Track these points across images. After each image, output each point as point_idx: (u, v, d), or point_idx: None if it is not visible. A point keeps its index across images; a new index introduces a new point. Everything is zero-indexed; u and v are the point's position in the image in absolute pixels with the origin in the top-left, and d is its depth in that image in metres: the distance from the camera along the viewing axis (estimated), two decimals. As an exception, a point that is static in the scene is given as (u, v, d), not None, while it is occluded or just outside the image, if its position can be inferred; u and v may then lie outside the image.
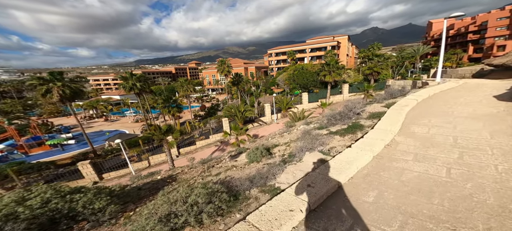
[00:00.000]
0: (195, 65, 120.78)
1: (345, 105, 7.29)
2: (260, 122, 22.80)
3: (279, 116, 23.58)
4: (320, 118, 8.49)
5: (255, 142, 9.57)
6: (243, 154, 6.31)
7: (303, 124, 8.68)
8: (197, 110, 42.34)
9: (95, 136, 28.93)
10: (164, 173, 6.85)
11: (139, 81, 25.59)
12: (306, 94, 25.95)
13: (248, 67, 75.77)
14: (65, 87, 19.11)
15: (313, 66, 34.69)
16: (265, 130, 20.01)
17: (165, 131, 11.29)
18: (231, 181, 3.34)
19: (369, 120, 5.89)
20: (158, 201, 2.48)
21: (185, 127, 24.31)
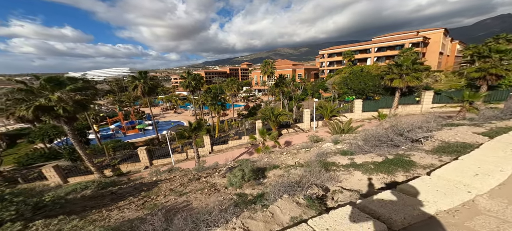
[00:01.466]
0: (246, 66, 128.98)
1: (393, 126, 4.84)
2: (297, 128, 20.68)
3: (320, 123, 20.49)
4: (355, 138, 6.17)
5: (281, 150, 8.36)
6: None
7: (331, 142, 6.66)
8: (241, 109, 44.69)
9: (165, 125, 36.49)
10: (164, 173, 7.05)
11: (193, 80, 29.78)
12: (359, 102, 21.12)
13: (296, 69, 72.42)
14: (145, 84, 24.99)
15: (377, 68, 27.95)
16: (300, 138, 17.89)
17: (193, 129, 12.18)
18: (172, 211, 2.58)
19: (435, 155, 3.53)
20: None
21: (224, 124, 25.89)
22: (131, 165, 15.91)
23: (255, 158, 9.73)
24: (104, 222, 2.37)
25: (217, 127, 22.48)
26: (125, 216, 2.48)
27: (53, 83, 12.55)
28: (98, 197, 3.85)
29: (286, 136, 19.33)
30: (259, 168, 4.76)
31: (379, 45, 53.77)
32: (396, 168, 3.22)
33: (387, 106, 20.50)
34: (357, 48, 57.95)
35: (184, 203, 3.24)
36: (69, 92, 12.55)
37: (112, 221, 2.32)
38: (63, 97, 11.84)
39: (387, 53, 51.03)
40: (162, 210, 2.51)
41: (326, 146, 6.47)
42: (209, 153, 17.65)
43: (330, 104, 21.57)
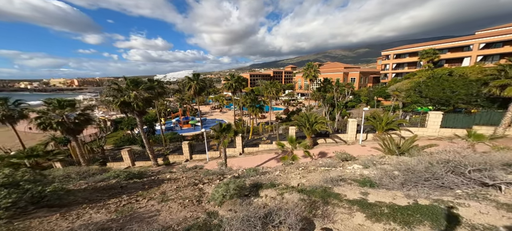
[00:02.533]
0: (291, 69, 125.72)
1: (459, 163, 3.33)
2: (337, 139, 18.04)
3: (370, 136, 17.00)
4: (399, 164, 4.56)
5: (298, 165, 7.56)
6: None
7: (360, 165, 5.36)
8: (280, 113, 43.90)
9: (210, 122, 41.07)
10: (180, 171, 7.62)
11: (235, 82, 31.91)
12: (437, 115, 15.97)
13: (349, 72, 64.05)
14: (197, 84, 29.10)
15: (480, 71, 20.34)
16: (341, 150, 15.48)
17: (222, 129, 12.89)
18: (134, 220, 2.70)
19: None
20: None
21: (259, 127, 26.12)
22: (176, 156, 18.76)
23: (276, 166, 9.17)
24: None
25: (251, 129, 23.03)
26: (93, 220, 2.69)
27: (133, 84, 16.60)
28: (107, 189, 4.58)
29: (322, 146, 17.31)
30: (255, 184, 4.36)
31: (489, 39, 38.94)
32: (421, 220, 2.08)
33: (490, 123, 14.84)
34: (445, 46, 44.50)
35: (154, 213, 3.14)
36: (141, 91, 16.33)
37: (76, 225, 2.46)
38: (137, 95, 15.56)
39: (503, 49, 36.36)
40: (126, 217, 2.74)
41: (351, 169, 5.19)
42: (239, 154, 18.29)
43: (388, 115, 17.49)
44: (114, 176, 5.75)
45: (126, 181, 5.61)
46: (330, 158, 8.48)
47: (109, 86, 16.91)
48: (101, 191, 3.96)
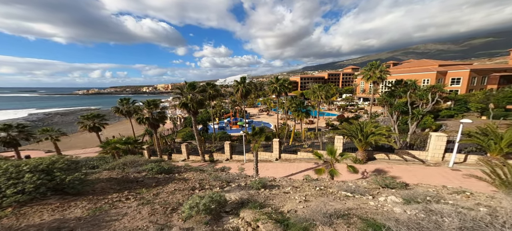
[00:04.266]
0: (351, 70, 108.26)
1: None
2: (408, 157, 13.44)
3: (471, 159, 11.48)
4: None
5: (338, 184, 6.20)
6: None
7: (401, 199, 3.69)
8: (332, 119, 38.67)
9: (256, 124, 42.67)
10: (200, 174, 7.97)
11: (280, 86, 31.29)
12: None
13: (448, 70, 47.27)
14: (244, 88, 31.10)
15: None
16: (414, 173, 11.63)
17: (254, 133, 12.75)
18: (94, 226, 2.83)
19: None
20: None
21: (301, 132, 24.06)
22: (220, 155, 20.62)
23: (299, 180, 7.97)
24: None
25: (292, 134, 21.66)
26: (66, 216, 2.82)
27: (190, 88, 19.95)
28: (126, 181, 5.18)
29: (382, 163, 13.57)
30: (243, 201, 3.84)
31: None
32: None
33: None
34: None
35: (118, 217, 3.07)
36: (196, 94, 19.36)
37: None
38: (192, 97, 18.60)
39: None
40: (88, 218, 2.84)
41: (379, 202, 3.53)
42: (276, 160, 17.57)
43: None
44: (148, 169, 6.86)
45: (155, 175, 6.56)
46: (366, 181, 6.30)
47: (174, 91, 21.21)
48: (120, 183, 4.82)
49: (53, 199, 3.38)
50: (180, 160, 21.00)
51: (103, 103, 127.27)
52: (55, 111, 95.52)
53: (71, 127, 47.20)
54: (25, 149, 32.35)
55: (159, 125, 23.80)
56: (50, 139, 25.97)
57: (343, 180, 8.50)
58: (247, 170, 15.14)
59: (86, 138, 39.56)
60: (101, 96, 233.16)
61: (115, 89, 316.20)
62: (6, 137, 22.88)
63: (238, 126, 43.24)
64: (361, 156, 14.09)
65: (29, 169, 3.59)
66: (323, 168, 10.49)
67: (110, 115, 36.15)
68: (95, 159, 8.41)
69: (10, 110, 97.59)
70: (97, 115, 27.81)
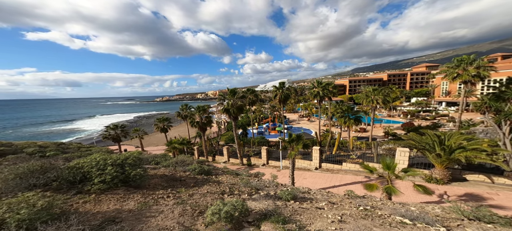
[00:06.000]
0: (426, 68, 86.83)
1: None
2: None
3: None
4: None
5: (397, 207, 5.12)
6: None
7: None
8: (394, 127, 31.98)
9: (296, 131, 40.97)
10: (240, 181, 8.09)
11: (323, 90, 28.95)
12: None
13: None
14: (282, 93, 30.81)
15: None
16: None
17: (291, 140, 12.13)
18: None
19: None
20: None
21: (349, 141, 21.05)
22: (257, 159, 20.95)
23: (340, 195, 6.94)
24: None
25: (336, 143, 19.36)
26: (123, 208, 3.35)
27: (231, 94, 21.61)
28: (173, 179, 5.64)
29: (476, 186, 10.27)
30: (266, 213, 3.71)
31: None
32: None
33: None
34: None
35: (156, 214, 3.33)
36: (236, 99, 20.77)
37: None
38: (233, 103, 20.07)
39: None
40: (135, 212, 3.28)
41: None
42: (315, 169, 16.12)
43: None
44: (192, 169, 7.76)
45: (197, 175, 7.35)
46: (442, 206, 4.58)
47: (219, 97, 23.50)
48: (168, 180, 5.62)
49: (121, 190, 4.15)
50: (221, 161, 22.80)
51: (170, 108, 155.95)
52: (143, 115, 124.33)
53: (150, 128, 60.41)
54: (124, 144, 44.01)
55: (206, 128, 26.86)
56: (138, 137, 34.49)
57: (406, 202, 6.71)
58: (282, 178, 14.68)
59: (159, 137, 49.38)
60: (170, 102, 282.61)
61: (179, 96, 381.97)
62: (114, 134, 32.13)
63: (277, 131, 42.83)
64: (440, 175, 10.84)
65: (111, 163, 4.38)
66: (376, 184, 8.71)
67: (174, 119, 44.14)
68: (159, 156, 10.27)
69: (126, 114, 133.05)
70: (165, 119, 34.58)
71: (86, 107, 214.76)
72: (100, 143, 41.30)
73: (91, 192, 3.97)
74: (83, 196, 3.81)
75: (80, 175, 4.26)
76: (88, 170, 4.36)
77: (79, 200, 3.67)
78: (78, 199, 3.68)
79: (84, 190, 4.06)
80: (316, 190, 7.97)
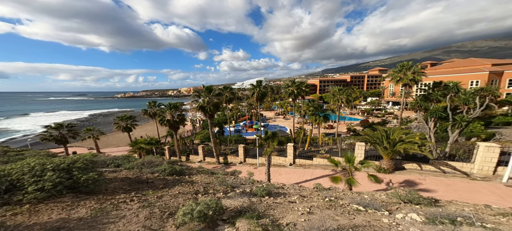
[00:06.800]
0: (378, 72, 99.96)
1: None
2: (447, 169, 11.63)
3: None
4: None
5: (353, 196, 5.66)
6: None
7: (423, 216, 3.14)
8: (354, 124, 36.03)
9: (272, 128, 42.10)
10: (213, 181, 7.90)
11: (296, 88, 30.46)
12: None
13: (505, 70, 41.13)
14: (259, 91, 31.10)
15: None
16: (453, 187, 10.12)
17: (266, 138, 12.46)
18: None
19: None
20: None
21: (319, 137, 22.85)
22: (234, 157, 20.79)
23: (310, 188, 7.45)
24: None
25: (308, 139, 20.72)
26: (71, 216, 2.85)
27: (207, 91, 20.66)
28: (138, 182, 5.16)
29: (413, 173, 12.10)
30: (241, 210, 3.69)
31: None
32: None
33: None
34: None
35: (116, 219, 2.98)
36: (212, 97, 19.98)
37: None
38: (209, 100, 19.28)
39: None
40: (88, 219, 2.83)
41: (396, 219, 2.99)
42: (290, 165, 16.95)
43: None
44: (162, 170, 7.15)
45: (167, 176, 6.80)
46: (386, 193, 5.50)
47: (193, 94, 22.22)
48: (132, 183, 5.05)
49: (68, 197, 3.57)
50: (196, 161, 21.81)
51: (136, 106, 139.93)
52: (99, 113, 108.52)
53: (109, 127, 53.00)
54: (74, 146, 37.47)
55: (179, 127, 25.14)
56: (92, 137, 29.69)
57: (361, 191, 7.68)
58: (259, 175, 14.93)
59: (120, 137, 43.90)
60: (135, 99, 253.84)
61: (146, 93, 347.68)
62: (57, 135, 26.88)
63: (254, 129, 43.26)
64: (387, 165, 12.69)
65: (52, 168, 3.81)
66: (340, 176, 9.68)
67: (140, 117, 39.65)
68: (120, 157, 9.12)
69: (76, 112, 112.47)
70: (129, 117, 30.80)
71: (16, 104, 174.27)
72: (37, 146, 34.16)
73: (23, 202, 3.26)
74: (12, 208, 3.11)
75: (7, 184, 3.51)
76: (18, 177, 3.61)
77: (5, 212, 2.97)
78: (4, 211, 2.98)
79: (13, 200, 3.34)
80: (290, 185, 8.38)
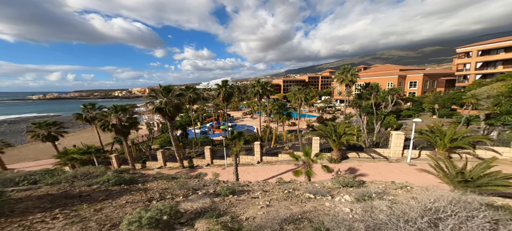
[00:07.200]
0: (329, 73, 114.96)
1: None
2: (375, 155, 14.33)
3: (425, 154, 12.62)
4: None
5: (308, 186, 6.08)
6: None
7: (353, 197, 3.70)
8: (313, 120, 40.12)
9: (240, 128, 42.03)
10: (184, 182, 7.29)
11: (262, 88, 31.43)
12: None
13: (407, 75, 53.18)
14: (225, 91, 30.36)
15: None
16: (378, 169, 12.29)
17: (232, 137, 12.37)
18: None
19: None
20: None
21: (283, 134, 24.36)
22: (200, 160, 19.65)
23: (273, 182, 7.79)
24: None
25: (274, 137, 21.72)
26: None
27: (165, 91, 18.54)
28: (65, 197, 4.34)
29: (354, 161, 14.18)
30: (201, 211, 3.46)
31: None
32: None
33: None
34: None
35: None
36: (172, 98, 18.10)
37: None
38: (168, 101, 17.40)
39: None
40: None
41: (334, 202, 3.51)
42: (257, 163, 17.33)
43: (455, 128, 12.67)
44: (104, 181, 5.98)
45: (113, 186, 5.74)
46: (331, 180, 6.46)
47: (148, 94, 19.57)
48: (55, 199, 3.97)
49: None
50: (155, 167, 19.47)
51: (65, 109, 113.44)
52: (3, 119, 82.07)
53: (20, 137, 40.83)
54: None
55: (130, 132, 21.69)
56: (-10, 150, 22.04)
57: (318, 181, 8.58)
58: (227, 175, 14.61)
59: (40, 148, 34.25)
60: (62, 101, 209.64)
61: (80, 93, 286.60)
62: None
63: (221, 129, 42.14)
64: (336, 156, 14.61)
65: None
66: (300, 170, 10.53)
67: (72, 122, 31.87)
68: (39, 172, 7.12)
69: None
70: (53, 123, 24.26)
71: None
72: None
73: None
74: None
75: None
76: None
77: None
78: None
79: None
80: (256, 182, 8.53)
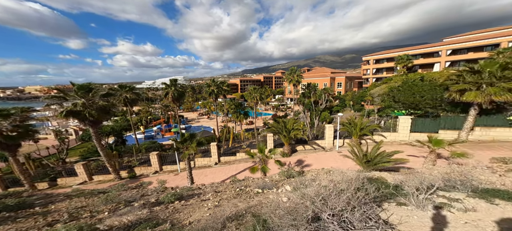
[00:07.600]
0: (281, 74, 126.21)
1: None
2: (315, 146, 16.72)
3: (346, 142, 15.79)
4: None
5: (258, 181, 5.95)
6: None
7: (290, 188, 3.92)
8: (269, 118, 42.52)
9: (196, 130, 38.78)
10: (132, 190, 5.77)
11: (217, 88, 30.28)
12: (406, 119, 16.08)
13: (336, 77, 65.23)
14: (175, 91, 27.01)
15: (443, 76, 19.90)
16: (318, 159, 14.16)
17: (183, 140, 11.13)
18: None
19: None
20: None
21: (240, 134, 24.49)
22: (145, 168, 16.61)
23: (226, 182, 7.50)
24: None
25: (231, 136, 21.34)
26: None
27: (83, 91, 14.21)
28: None
29: (301, 154, 15.90)
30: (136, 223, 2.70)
31: (455, 46, 41.72)
32: None
33: (454, 127, 14.84)
34: (418, 51, 47.04)
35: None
36: (95, 98, 14.12)
37: None
38: (86, 103, 13.44)
39: (468, 56, 39.18)
40: None
41: (277, 193, 3.73)
42: (215, 164, 16.47)
43: (362, 120, 16.50)
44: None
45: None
46: (278, 174, 7.05)
47: (53, 96, 14.30)
48: None
49: None
50: (74, 184, 14.83)
51: None
52: None
53: None
54: None
55: (21, 144, 15.13)
56: None
57: (269, 176, 8.94)
58: (181, 180, 12.97)
59: None
60: None
61: None
62: None
63: (173, 132, 37.64)
64: (287, 150, 15.91)
65: None
66: (256, 166, 10.69)
67: None
68: None
69: None
70: None
71: None
72: None
73: None
74: None
75: None
76: None
77: None
78: None
79: None
80: (210, 184, 7.93)
